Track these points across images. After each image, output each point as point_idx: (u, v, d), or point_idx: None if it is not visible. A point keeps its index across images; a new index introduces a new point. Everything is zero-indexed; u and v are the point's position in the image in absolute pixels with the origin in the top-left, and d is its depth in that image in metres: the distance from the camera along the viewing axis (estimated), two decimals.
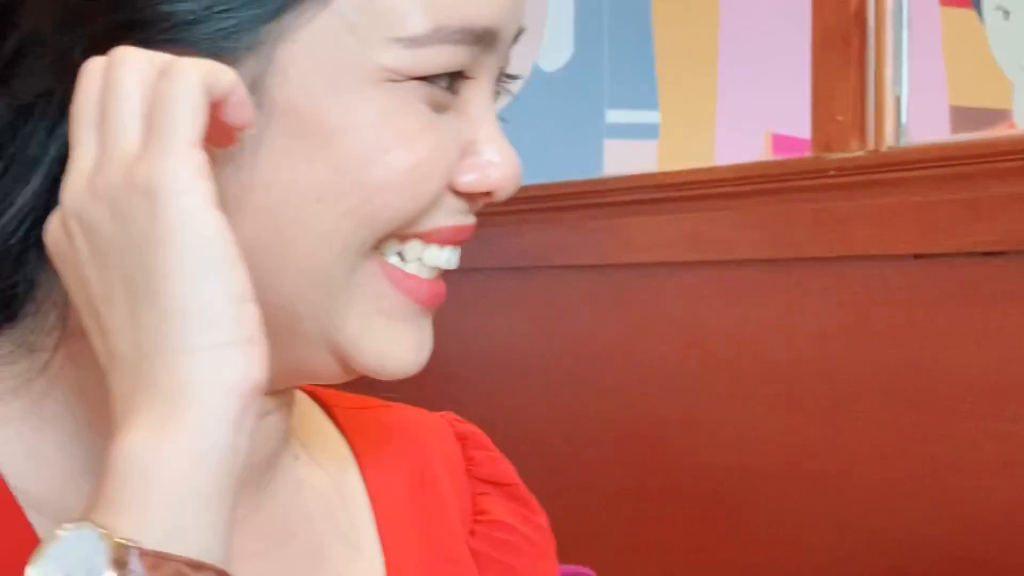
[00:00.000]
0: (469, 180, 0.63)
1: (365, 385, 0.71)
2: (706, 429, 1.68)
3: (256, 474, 0.67)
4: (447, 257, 0.65)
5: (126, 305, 0.54)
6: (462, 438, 0.81)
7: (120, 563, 0.51)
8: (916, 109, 3.39)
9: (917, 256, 1.45)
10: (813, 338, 1.55)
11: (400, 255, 0.63)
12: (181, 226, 0.53)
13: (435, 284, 0.65)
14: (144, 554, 0.51)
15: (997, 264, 1.37)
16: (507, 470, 0.81)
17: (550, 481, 1.88)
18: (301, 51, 0.60)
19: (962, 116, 3.45)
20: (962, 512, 1.41)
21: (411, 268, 0.64)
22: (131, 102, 0.55)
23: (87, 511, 0.52)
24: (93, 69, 0.56)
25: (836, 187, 1.51)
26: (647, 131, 3.17)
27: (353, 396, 0.79)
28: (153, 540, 0.51)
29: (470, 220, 0.65)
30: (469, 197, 0.64)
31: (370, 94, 0.60)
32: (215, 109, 0.55)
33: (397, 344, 0.63)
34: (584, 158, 3.08)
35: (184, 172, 0.53)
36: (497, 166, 0.63)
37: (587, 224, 1.84)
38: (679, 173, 1.76)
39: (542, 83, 3.04)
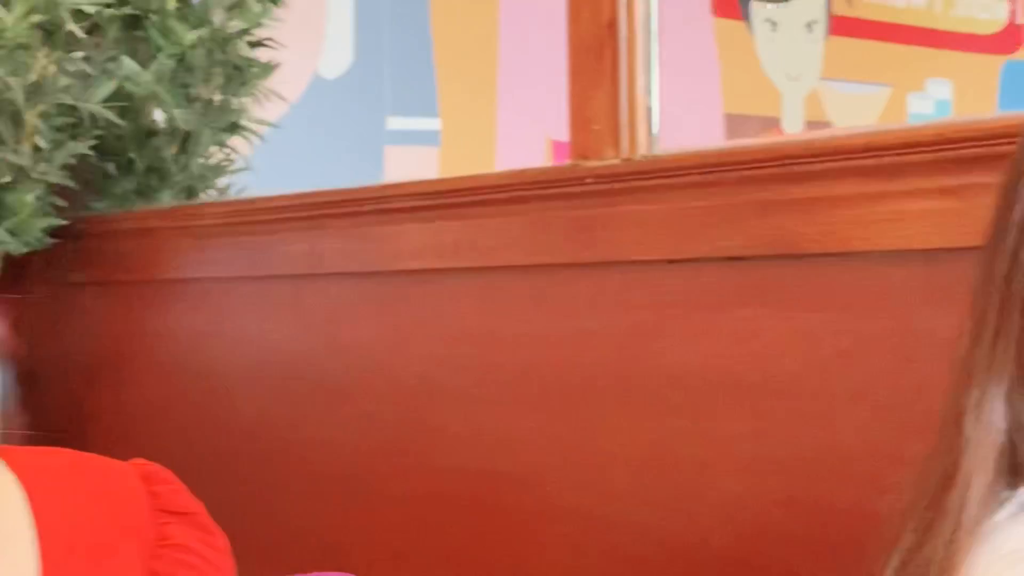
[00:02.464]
0: None
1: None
2: (472, 434, 1.70)
3: None
4: None
5: None
6: (146, 478, 0.89)
7: None
8: (691, 115, 3.47)
9: (670, 261, 1.49)
10: (571, 342, 1.59)
11: None
12: None
13: None
14: None
15: (743, 268, 1.43)
16: (188, 501, 0.90)
17: (321, 487, 1.88)
18: None
19: (736, 123, 3.56)
20: (714, 510, 1.46)
21: None
22: None
23: None
24: None
25: (593, 194, 1.55)
26: (428, 138, 3.19)
27: (36, 448, 0.87)
28: None
29: None
30: None
31: None
32: None
33: None
34: (365, 165, 3.08)
35: None
36: None
37: (357, 231, 1.85)
38: (446, 181, 1.78)
39: (323, 90, 3.03)
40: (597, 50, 1.55)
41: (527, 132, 3.33)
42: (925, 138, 1.28)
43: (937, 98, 3.89)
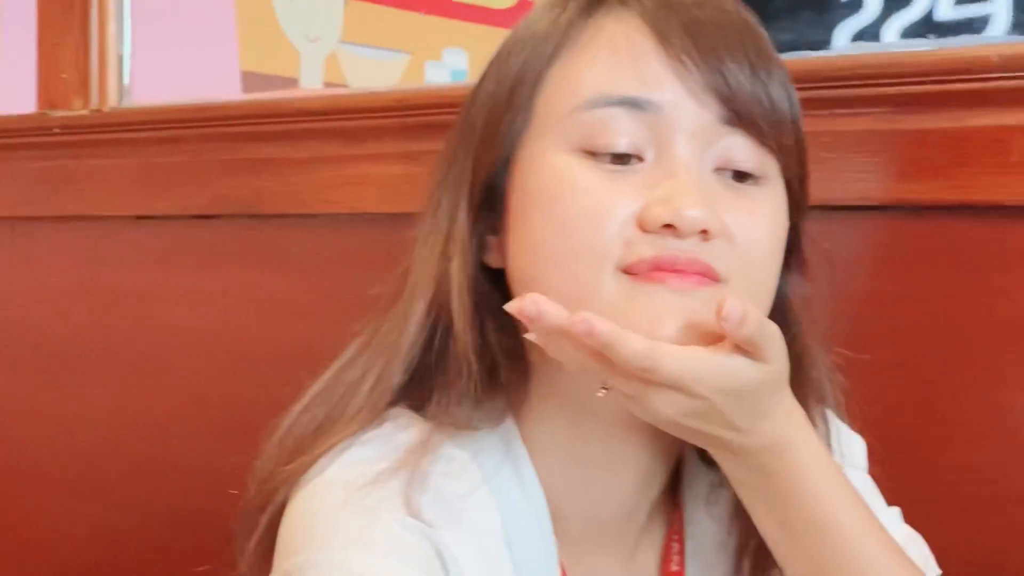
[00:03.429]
0: None
1: None
2: None
3: None
4: None
5: None
6: None
7: None
8: (206, 72, 3.40)
9: (139, 217, 1.46)
10: (39, 299, 1.53)
11: None
12: None
13: None
14: None
15: (211, 227, 1.41)
16: None
17: None
18: None
19: (254, 82, 3.52)
20: (178, 473, 1.44)
21: None
22: None
23: None
24: None
25: (61, 145, 1.49)
26: None
27: None
28: None
29: None
30: None
31: None
32: None
33: None
34: None
35: None
36: None
37: None
38: None
39: None
40: None
41: (23, 75, 3.17)
42: (387, 103, 1.30)
43: (454, 68, 3.99)
